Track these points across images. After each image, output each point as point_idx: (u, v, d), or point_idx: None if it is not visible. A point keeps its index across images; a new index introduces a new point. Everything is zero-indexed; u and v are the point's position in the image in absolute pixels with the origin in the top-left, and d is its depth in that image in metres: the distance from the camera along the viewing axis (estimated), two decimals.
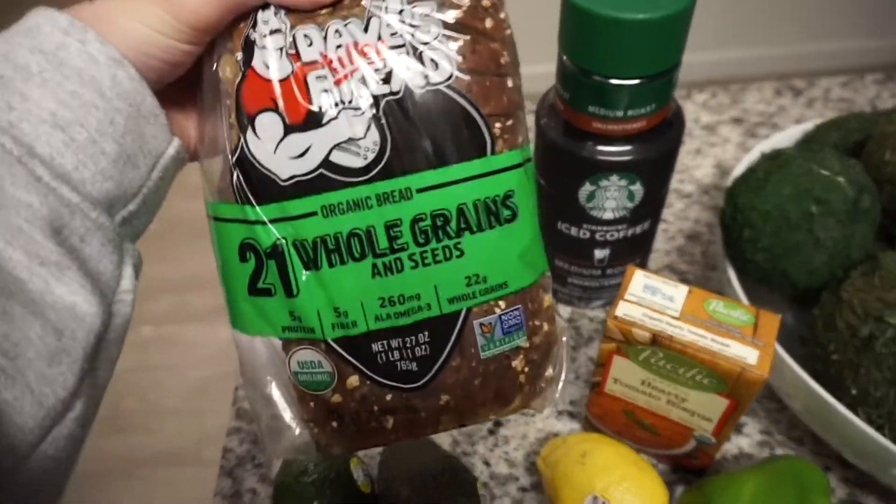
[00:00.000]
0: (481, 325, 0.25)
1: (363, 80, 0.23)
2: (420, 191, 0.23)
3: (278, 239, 0.24)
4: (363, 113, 0.23)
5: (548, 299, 0.27)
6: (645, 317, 0.35)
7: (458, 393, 0.25)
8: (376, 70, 0.23)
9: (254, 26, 0.24)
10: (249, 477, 0.45)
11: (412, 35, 0.23)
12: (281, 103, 0.23)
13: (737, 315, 0.35)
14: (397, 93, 0.23)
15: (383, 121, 0.23)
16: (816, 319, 0.41)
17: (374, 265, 0.24)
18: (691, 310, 0.35)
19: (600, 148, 0.41)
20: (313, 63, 0.23)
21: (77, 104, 0.21)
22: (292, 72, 0.23)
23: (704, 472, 0.42)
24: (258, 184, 0.24)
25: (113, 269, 0.23)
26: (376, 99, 0.23)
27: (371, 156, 0.23)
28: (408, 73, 0.23)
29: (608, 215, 0.44)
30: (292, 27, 0.23)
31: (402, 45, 0.23)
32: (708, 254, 0.57)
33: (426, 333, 0.24)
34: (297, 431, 0.27)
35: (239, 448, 0.46)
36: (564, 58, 0.40)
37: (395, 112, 0.23)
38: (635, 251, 0.48)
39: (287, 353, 0.26)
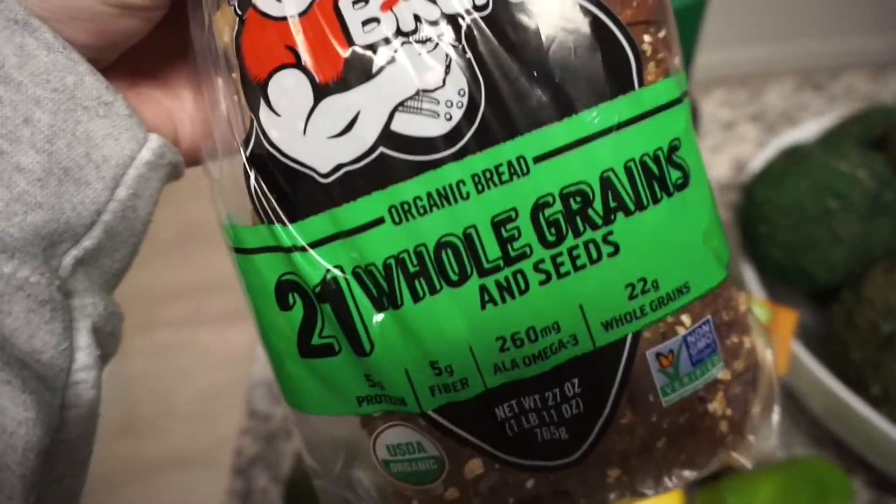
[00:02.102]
0: (658, 355, 0.16)
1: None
2: (539, 159, 0.15)
3: (330, 270, 0.16)
4: (436, 46, 0.15)
5: (743, 299, 0.19)
6: None
7: (632, 462, 0.17)
8: None
9: None
10: (261, 476, 0.45)
11: None
12: (304, 53, 0.15)
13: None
14: (485, 5, 0.15)
15: (469, 54, 0.15)
16: (836, 317, 0.40)
17: (483, 288, 0.15)
18: None
19: None
20: None
21: None
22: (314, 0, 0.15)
23: (721, 472, 0.41)
24: (288, 187, 0.16)
25: (56, 342, 0.15)
26: (454, 20, 0.15)
27: (458, 114, 0.15)
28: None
29: None
30: None
31: None
32: None
33: (575, 382, 0.16)
34: None
35: (251, 448, 0.46)
36: None
37: (487, 38, 0.15)
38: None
39: (370, 433, 0.18)
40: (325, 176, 0.15)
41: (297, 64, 0.15)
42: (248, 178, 0.16)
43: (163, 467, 1.19)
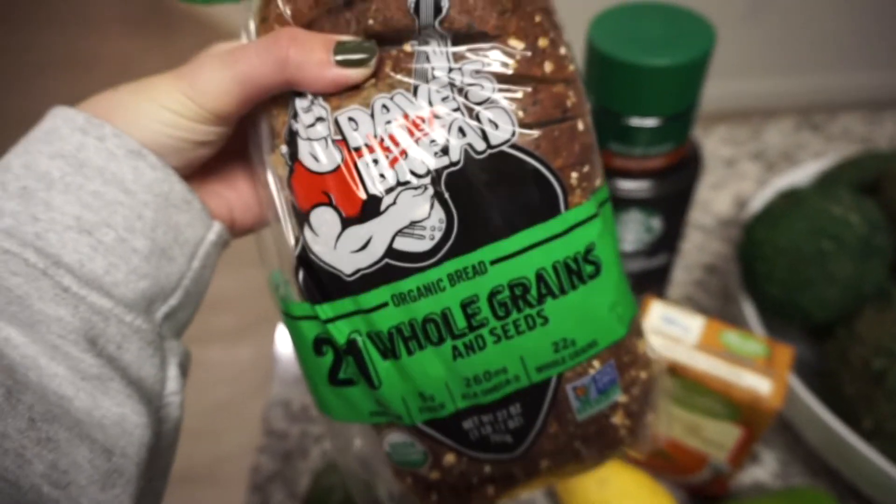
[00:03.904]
0: (575, 388, 0.23)
1: (419, 156, 0.21)
2: (494, 262, 0.21)
3: (352, 334, 0.23)
4: (424, 191, 0.21)
5: (641, 344, 0.25)
6: (662, 346, 0.36)
7: (558, 457, 0.25)
8: (432, 142, 0.21)
9: (294, 116, 0.22)
10: (278, 493, 0.46)
11: (465, 96, 0.21)
12: (334, 197, 0.22)
13: (751, 347, 0.36)
14: (457, 162, 0.21)
15: (446, 195, 0.21)
16: (830, 353, 0.42)
17: (455, 347, 0.22)
18: (707, 340, 0.37)
19: (620, 184, 0.43)
20: (363, 148, 0.21)
21: (101, 204, 0.20)
22: (342, 160, 0.21)
23: (720, 500, 0.43)
24: (324, 281, 0.22)
25: (156, 372, 0.21)
26: (437, 173, 0.21)
27: (438, 235, 0.21)
28: (466, 139, 0.21)
29: (627, 248, 0.46)
30: (334, 110, 0.22)
31: (457, 109, 0.21)
32: (726, 286, 0.59)
33: (517, 405, 0.23)
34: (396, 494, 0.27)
35: (268, 465, 0.48)
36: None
37: (458, 184, 0.21)
38: (653, 283, 0.49)
39: (378, 433, 0.25)
40: (350, 276, 0.22)
41: (330, 203, 0.22)
42: (297, 271, 0.23)
43: (172, 483, 1.19)
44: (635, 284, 0.49)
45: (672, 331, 0.37)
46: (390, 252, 0.22)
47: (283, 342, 0.56)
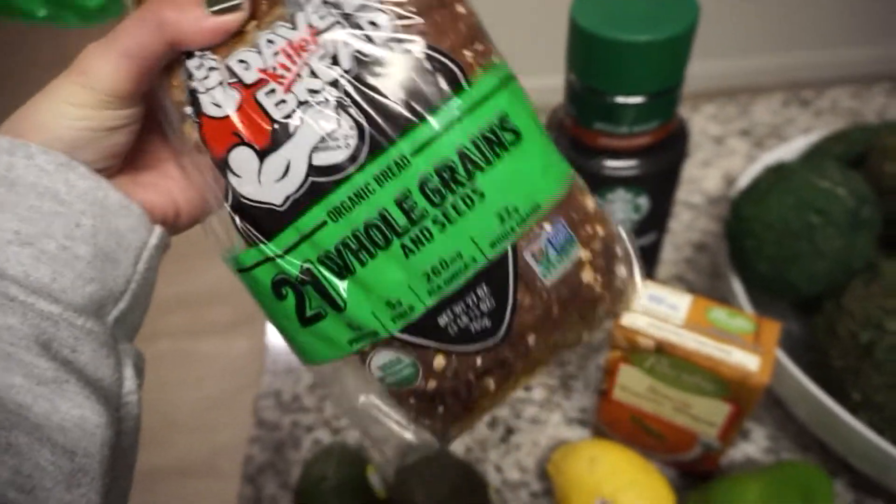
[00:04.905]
0: (533, 254, 0.24)
1: (313, 73, 0.22)
2: (414, 153, 0.22)
3: (303, 263, 0.23)
4: (326, 104, 0.22)
5: (590, 202, 0.26)
6: (649, 325, 0.36)
7: (542, 328, 0.25)
8: (321, 57, 0.22)
9: (189, 77, 0.23)
10: (270, 483, 0.46)
11: (340, 8, 0.22)
12: (244, 134, 0.23)
13: (738, 323, 0.36)
14: (350, 69, 0.22)
15: (348, 102, 0.22)
16: (818, 327, 0.42)
17: (403, 245, 0.23)
18: (694, 318, 0.36)
19: (607, 163, 0.42)
20: (258, 82, 0.22)
21: (38, 217, 0.21)
22: (241, 98, 0.23)
23: (711, 477, 0.43)
24: (261, 220, 0.23)
25: (111, 373, 0.22)
26: (333, 84, 0.22)
27: (352, 141, 0.22)
28: (352, 46, 0.22)
29: None
30: (224, 59, 0.23)
31: (336, 22, 0.22)
32: (715, 264, 0.59)
33: (484, 287, 0.23)
34: (409, 435, 0.27)
35: (260, 456, 0.48)
36: (571, 76, 0.42)
37: (357, 88, 0.22)
38: (642, 262, 0.49)
39: (365, 363, 0.25)
40: (282, 206, 0.23)
41: (242, 141, 0.23)
42: (234, 220, 0.24)
43: (166, 476, 1.19)
44: None
45: (659, 310, 0.37)
46: (312, 170, 0.22)
47: (273, 333, 0.56)
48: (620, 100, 0.40)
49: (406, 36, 0.22)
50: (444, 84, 0.22)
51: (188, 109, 0.23)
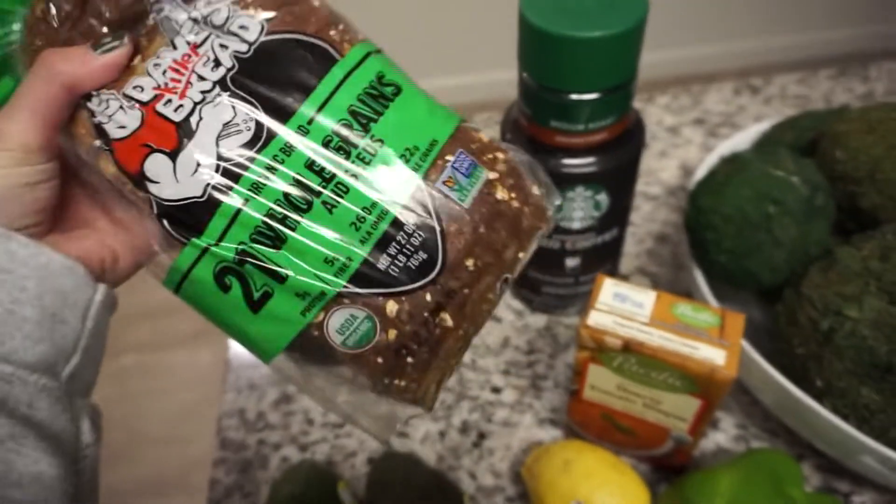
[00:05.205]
0: (444, 183, 0.26)
1: (201, 78, 0.25)
2: (310, 122, 0.25)
3: (238, 245, 0.25)
4: (220, 98, 0.25)
5: (484, 136, 0.29)
6: (616, 324, 0.36)
7: (476, 250, 0.26)
8: (204, 63, 0.25)
9: (92, 115, 0.25)
10: None
11: (210, 24, 0.26)
12: (153, 142, 0.25)
13: (703, 317, 0.36)
14: (232, 67, 0.25)
15: (240, 92, 0.25)
16: (780, 315, 0.42)
17: (325, 203, 0.25)
18: (660, 315, 0.36)
19: (564, 161, 0.42)
20: (155, 98, 0.25)
21: None
22: (143, 115, 0.25)
23: (684, 469, 0.43)
24: (188, 216, 0.25)
25: (69, 426, 0.23)
26: (220, 81, 0.25)
27: (252, 124, 0.25)
28: (229, 49, 0.25)
29: (576, 225, 0.45)
30: (120, 90, 0.25)
31: (208, 35, 0.26)
32: (677, 254, 0.59)
33: (410, 223, 0.25)
34: (384, 407, 0.28)
35: (226, 478, 0.46)
36: (524, 75, 0.41)
37: (245, 78, 0.25)
38: (605, 258, 0.49)
39: (323, 332, 0.26)
40: (203, 196, 0.24)
41: (153, 149, 0.25)
42: (163, 226, 0.25)
43: (136, 492, 1.16)
44: (588, 262, 0.49)
45: (625, 308, 0.37)
46: (221, 157, 0.25)
47: (235, 347, 0.54)
48: (575, 97, 0.39)
49: (275, 29, 0.26)
50: (321, 59, 0.26)
51: (97, 143, 0.25)
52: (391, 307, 0.25)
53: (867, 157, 0.44)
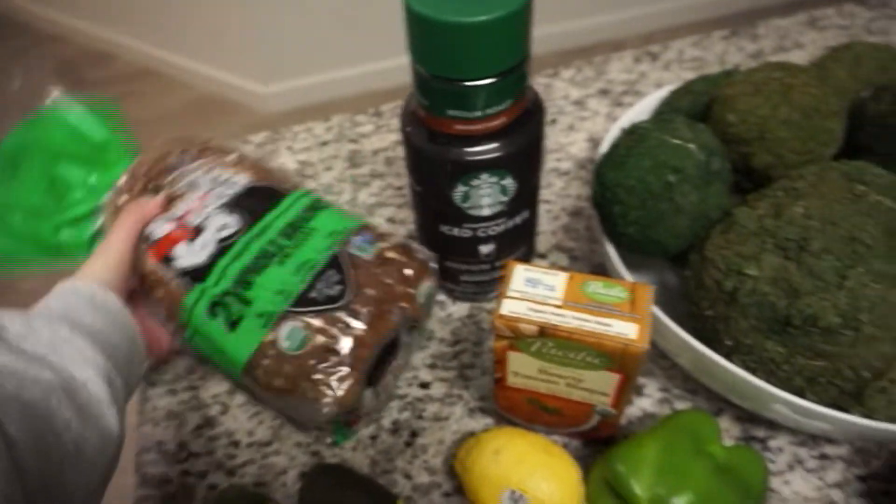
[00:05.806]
0: (354, 247, 0.44)
1: (209, 203, 0.45)
2: (271, 223, 0.44)
3: (225, 286, 0.41)
4: (221, 210, 0.45)
5: (382, 226, 0.49)
6: (529, 310, 0.36)
7: (372, 283, 0.42)
8: (213, 198, 0.46)
9: (146, 239, 0.45)
10: None
11: (214, 181, 0.47)
12: (178, 236, 0.44)
13: (614, 293, 0.37)
14: (229, 197, 0.46)
15: (233, 208, 0.45)
16: (689, 280, 0.43)
17: (279, 260, 0.42)
18: (571, 295, 0.36)
19: (466, 149, 0.41)
20: (183, 215, 0.45)
21: (108, 334, 0.39)
22: (175, 224, 0.45)
23: (612, 440, 0.44)
24: (197, 272, 0.42)
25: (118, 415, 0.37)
26: (223, 205, 0.45)
27: (238, 223, 0.44)
28: (225, 192, 0.46)
29: (486, 212, 0.45)
30: (162, 216, 0.46)
31: (213, 187, 0.47)
32: (591, 227, 0.60)
33: (332, 270, 0.42)
34: (327, 409, 0.39)
35: None
36: (416, 65, 0.40)
37: (234, 202, 0.45)
38: (520, 240, 0.49)
39: (274, 343, 0.40)
40: (205, 262, 0.43)
41: (178, 241, 0.44)
42: (180, 279, 0.43)
43: None
44: (503, 247, 0.48)
45: (537, 293, 0.37)
46: (219, 241, 0.43)
47: (148, 378, 0.51)
48: (468, 84, 0.38)
49: (249, 180, 0.47)
50: (274, 195, 0.46)
51: (142, 246, 0.44)
52: (317, 322, 0.40)
53: (755, 118, 0.45)
